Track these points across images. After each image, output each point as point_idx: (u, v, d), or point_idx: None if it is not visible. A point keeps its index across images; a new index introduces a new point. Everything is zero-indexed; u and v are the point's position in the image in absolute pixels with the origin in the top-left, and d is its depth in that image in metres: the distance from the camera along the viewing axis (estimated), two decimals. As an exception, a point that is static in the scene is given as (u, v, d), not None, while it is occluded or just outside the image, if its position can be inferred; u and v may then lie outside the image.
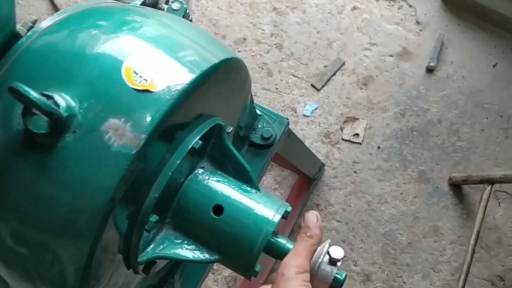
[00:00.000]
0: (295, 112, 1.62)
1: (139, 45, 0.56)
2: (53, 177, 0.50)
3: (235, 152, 0.67)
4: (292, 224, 1.44)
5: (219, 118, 0.68)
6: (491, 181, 1.32)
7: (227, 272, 1.47)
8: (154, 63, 0.54)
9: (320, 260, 0.61)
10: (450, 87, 1.60)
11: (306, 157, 1.35)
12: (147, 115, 0.51)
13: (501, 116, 1.55)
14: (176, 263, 0.87)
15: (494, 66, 1.61)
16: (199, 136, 0.62)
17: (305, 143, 1.57)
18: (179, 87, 0.54)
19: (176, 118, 0.57)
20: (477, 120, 1.56)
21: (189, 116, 0.62)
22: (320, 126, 1.60)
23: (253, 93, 1.65)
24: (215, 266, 1.49)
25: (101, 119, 0.50)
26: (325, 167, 1.54)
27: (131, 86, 0.51)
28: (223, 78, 0.64)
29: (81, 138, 0.49)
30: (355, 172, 1.53)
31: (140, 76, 0.52)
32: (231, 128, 0.71)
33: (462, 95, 1.59)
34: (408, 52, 1.65)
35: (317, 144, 1.58)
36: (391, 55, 1.65)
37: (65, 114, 0.49)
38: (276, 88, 1.64)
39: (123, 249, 0.60)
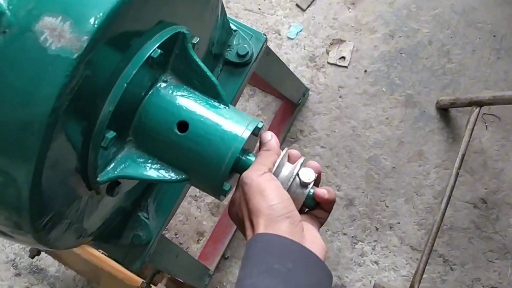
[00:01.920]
0: (279, 35, 1.54)
1: None
2: (-15, 85, 0.44)
3: (201, 64, 0.61)
4: (275, 150, 1.40)
5: (182, 27, 0.61)
6: (479, 103, 1.28)
7: (210, 199, 1.46)
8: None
9: (290, 183, 0.58)
10: (442, 5, 1.51)
11: (288, 79, 1.29)
12: (90, 14, 0.45)
13: (494, 36, 1.48)
14: (149, 186, 0.84)
15: (490, -18, 1.51)
16: (157, 44, 0.56)
17: (289, 68, 1.50)
18: (127, -17, 0.47)
19: (128, 21, 0.51)
20: (469, 41, 1.49)
21: (145, 22, 0.56)
22: (305, 49, 1.52)
23: (234, 15, 1.56)
24: (197, 193, 1.47)
25: (34, 17, 0.43)
26: (310, 92, 1.48)
27: (69, -21, 0.44)
28: (182, -22, 0.56)
29: (12, 40, 0.43)
30: (340, 97, 1.48)
31: (80, -32, 0.45)
32: (197, 39, 0.64)
33: (455, 14, 1.50)
34: (400, -32, 1.54)
35: (302, 68, 1.51)
36: (381, -29, 1.54)
37: (-9, 12, 0.43)
38: (259, 9, 1.54)
39: (80, 168, 0.56)
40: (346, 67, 1.50)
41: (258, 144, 0.64)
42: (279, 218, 0.53)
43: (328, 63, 1.50)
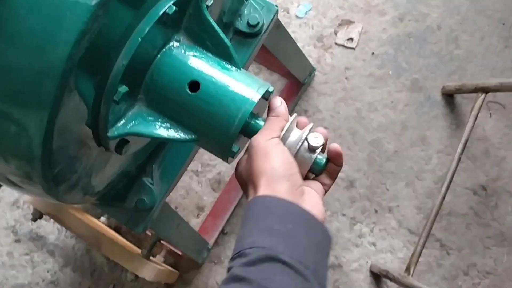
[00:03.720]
0: (288, 13, 1.53)
1: None
2: (4, 27, 0.44)
3: (215, 25, 0.61)
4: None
5: (197, -13, 0.61)
6: (485, 90, 1.28)
7: (211, 174, 1.47)
8: None
9: (298, 147, 0.58)
10: (453, -10, 1.50)
11: (296, 56, 1.29)
12: (109, -39, 0.45)
13: (503, 24, 1.48)
14: (155, 152, 0.85)
15: (502, -31, 1.50)
16: (172, 1, 0.56)
17: (297, 46, 1.49)
18: None
19: (145, -26, 0.51)
20: (478, 28, 1.48)
21: (161, -22, 0.55)
22: (313, 29, 1.52)
23: (243, -9, 1.54)
24: (199, 168, 1.48)
25: (55, -38, 0.43)
26: (316, 72, 1.48)
27: None
28: None
29: (32, -17, 0.43)
30: (346, 78, 1.48)
31: None
32: (211, 1, 0.64)
33: (465, 0, 1.49)
34: (413, -49, 1.52)
35: (309, 48, 1.50)
36: (394, -46, 1.52)
37: (12, -46, 0.42)
38: (269, -14, 1.53)
39: (91, 122, 0.57)
40: (353, 48, 1.49)
41: (267, 109, 0.64)
42: (280, 179, 0.53)
43: (336, 44, 1.50)
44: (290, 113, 0.62)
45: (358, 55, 1.49)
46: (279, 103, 0.61)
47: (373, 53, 1.49)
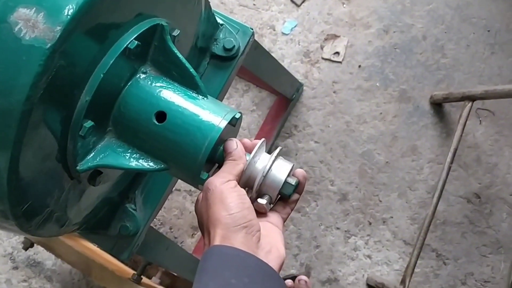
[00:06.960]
0: (274, 30, 1.55)
1: None
2: (-39, 74, 0.45)
3: (180, 56, 0.62)
4: (268, 145, 1.42)
5: (161, 19, 0.62)
6: (471, 98, 1.29)
7: (205, 193, 1.47)
8: None
9: (267, 170, 0.59)
10: (437, 0, 1.51)
11: (280, 74, 1.30)
12: (63, 5, 0.46)
13: (489, 31, 1.48)
14: (137, 179, 0.85)
15: (485, -23, 1.51)
16: (134, 36, 0.57)
17: (284, 63, 1.51)
18: (100, -26, 0.48)
19: (104, 13, 0.52)
20: (463, 36, 1.49)
21: (123, 14, 0.57)
22: (299, 44, 1.53)
23: (229, 10, 1.57)
24: (192, 188, 1.49)
25: (10, 9, 0.45)
26: (304, 88, 1.49)
27: (42, -29, 0.46)
28: (159, -30, 0.57)
29: (-13, 30, 0.45)
30: (334, 92, 1.49)
31: (53, -39, 0.46)
32: (178, 31, 0.65)
33: (449, 9, 1.50)
34: (395, -37, 1.54)
35: (296, 63, 1.52)
36: (376, -33, 1.54)
37: (-34, 3, 0.44)
38: (254, 4, 1.55)
39: (60, 157, 0.58)
40: (340, 62, 1.50)
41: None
42: (236, 228, 0.53)
43: (323, 58, 1.51)
44: (275, 142, 0.63)
45: (345, 68, 1.50)
46: (235, 145, 0.60)
47: (360, 66, 1.49)
